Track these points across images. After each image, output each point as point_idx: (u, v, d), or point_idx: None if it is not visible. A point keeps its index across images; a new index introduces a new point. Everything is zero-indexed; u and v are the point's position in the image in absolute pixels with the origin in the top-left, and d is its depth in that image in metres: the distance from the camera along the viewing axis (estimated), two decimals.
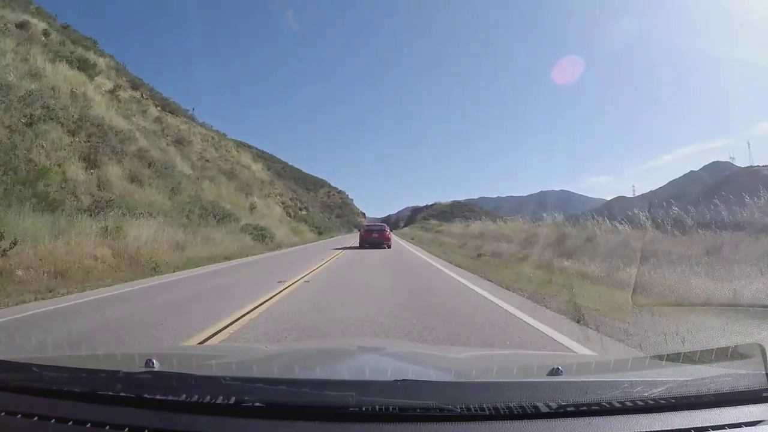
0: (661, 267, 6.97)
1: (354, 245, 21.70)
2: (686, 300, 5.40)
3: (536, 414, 1.03)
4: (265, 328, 4.55)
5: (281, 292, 6.91)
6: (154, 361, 1.31)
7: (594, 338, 4.04)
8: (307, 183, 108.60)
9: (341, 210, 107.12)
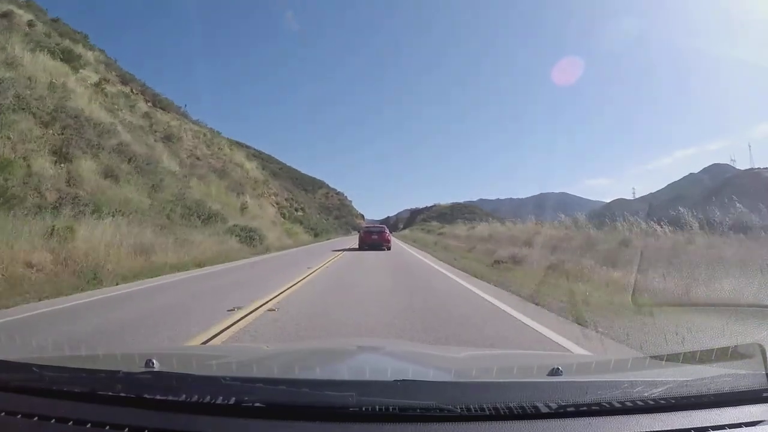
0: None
1: (351, 247, 21.48)
2: None
3: (536, 414, 1.03)
4: None
5: (221, 333, 4.40)
6: (154, 361, 1.31)
7: None
8: (305, 184, 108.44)
9: (339, 211, 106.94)
